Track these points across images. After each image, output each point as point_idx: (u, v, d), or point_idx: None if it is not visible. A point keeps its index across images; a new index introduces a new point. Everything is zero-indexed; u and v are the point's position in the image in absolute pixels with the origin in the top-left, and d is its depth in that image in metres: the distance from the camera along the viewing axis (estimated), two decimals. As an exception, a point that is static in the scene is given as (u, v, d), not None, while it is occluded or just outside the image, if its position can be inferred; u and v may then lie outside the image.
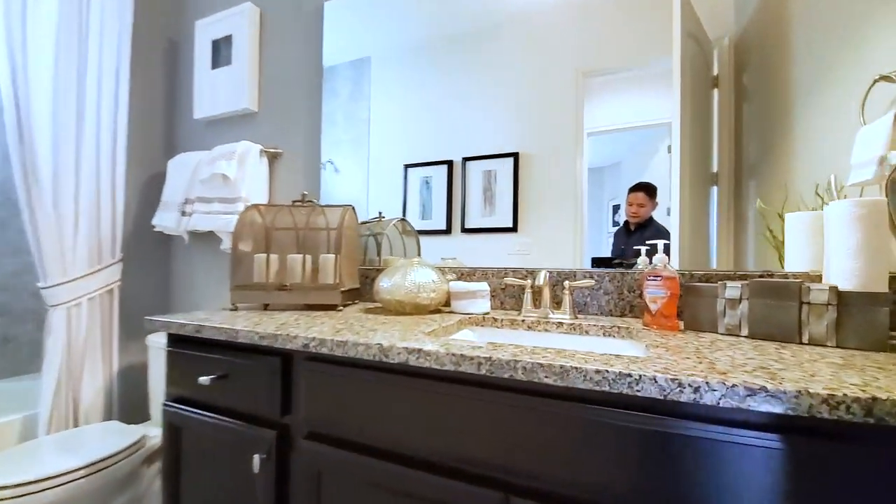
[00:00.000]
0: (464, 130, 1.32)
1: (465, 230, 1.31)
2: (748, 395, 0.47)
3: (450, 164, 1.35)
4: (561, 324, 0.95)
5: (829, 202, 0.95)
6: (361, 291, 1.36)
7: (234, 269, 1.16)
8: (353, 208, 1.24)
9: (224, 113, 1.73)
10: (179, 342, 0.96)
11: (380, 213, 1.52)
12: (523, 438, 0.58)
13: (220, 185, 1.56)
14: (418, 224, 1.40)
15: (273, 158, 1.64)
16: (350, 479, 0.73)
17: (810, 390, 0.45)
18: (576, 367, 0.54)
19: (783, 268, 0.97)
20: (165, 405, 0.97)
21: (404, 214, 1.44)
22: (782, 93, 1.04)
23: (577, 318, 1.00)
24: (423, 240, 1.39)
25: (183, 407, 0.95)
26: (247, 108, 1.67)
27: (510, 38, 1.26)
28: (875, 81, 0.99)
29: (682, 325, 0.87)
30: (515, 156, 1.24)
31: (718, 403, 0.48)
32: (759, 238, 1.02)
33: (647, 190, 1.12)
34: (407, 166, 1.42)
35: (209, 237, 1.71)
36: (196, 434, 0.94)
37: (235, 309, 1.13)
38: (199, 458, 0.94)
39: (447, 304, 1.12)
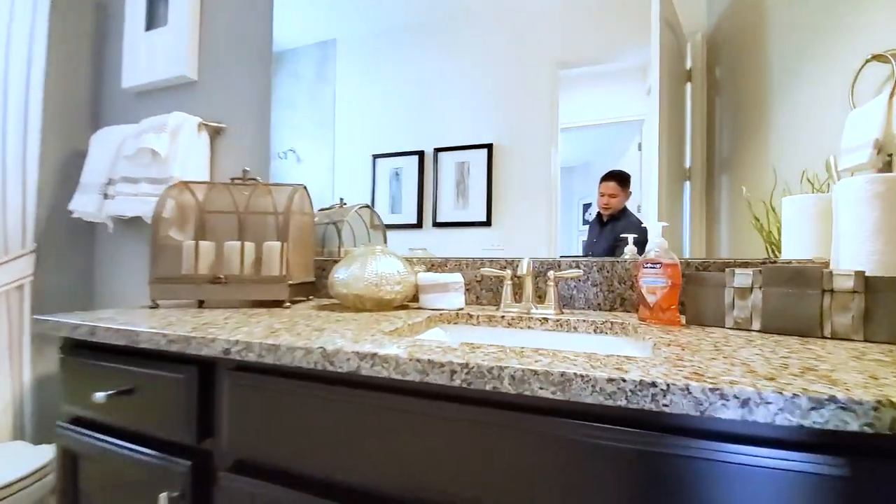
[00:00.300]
0: (436, 119, 1.24)
1: (436, 224, 1.23)
2: (813, 409, 0.35)
3: (421, 154, 1.26)
4: (546, 319, 0.82)
5: (833, 182, 0.88)
6: (318, 286, 1.19)
7: (155, 259, 0.96)
8: (306, 188, 1.07)
9: (158, 81, 1.50)
10: (75, 348, 0.76)
11: (341, 199, 1.36)
12: (510, 469, 0.44)
13: (148, 163, 1.33)
14: (388, 218, 1.30)
15: (215, 134, 1.43)
16: (286, 521, 0.56)
17: (893, 399, 0.33)
18: (581, 375, 0.40)
19: (771, 256, 0.91)
20: (59, 427, 0.76)
21: (373, 207, 1.31)
22: (759, 84, 1.02)
23: (562, 313, 0.87)
24: (393, 234, 1.28)
25: (80, 429, 0.74)
26: (184, 75, 1.45)
27: (485, 25, 1.19)
28: (867, 61, 0.93)
29: (683, 319, 0.76)
30: (489, 147, 1.18)
31: (774, 420, 0.35)
32: (733, 231, 0.99)
33: (620, 179, 1.06)
34: (375, 156, 1.32)
35: (138, 224, 1.47)
36: (96, 464, 0.74)
37: (155, 307, 0.93)
38: (100, 495, 0.74)
39: (415, 298, 0.97)
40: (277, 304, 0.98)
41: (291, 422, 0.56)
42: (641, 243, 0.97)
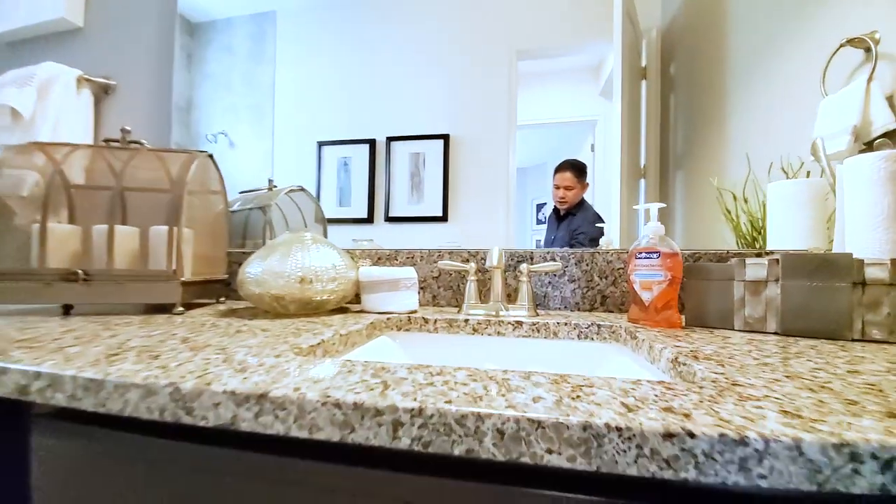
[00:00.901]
0: (389, 106, 1.14)
1: (389, 219, 1.12)
2: None
3: (372, 143, 1.15)
4: (519, 323, 0.66)
5: (823, 165, 0.81)
6: (235, 286, 0.94)
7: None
8: (212, 157, 0.82)
9: (33, 26, 1.16)
10: None
11: (270, 180, 1.15)
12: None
13: (7, 126, 1.01)
14: (336, 211, 1.14)
15: (102, 93, 1.12)
16: None
17: None
18: (617, 428, 0.23)
19: (742, 248, 0.87)
20: None
21: (318, 200, 1.15)
22: (717, 78, 1.01)
23: (537, 314, 0.71)
24: (342, 230, 1.13)
25: None
26: (64, 17, 1.13)
27: (442, 7, 1.10)
28: (841, 46, 0.88)
29: (682, 323, 0.63)
30: (446, 138, 1.09)
31: (945, 500, 0.21)
32: (689, 225, 0.97)
33: (576, 169, 0.99)
34: (321, 144, 1.18)
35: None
36: None
37: (-23, 315, 0.65)
38: None
39: (357, 300, 0.77)
40: (166, 308, 0.73)
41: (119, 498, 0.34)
42: (597, 239, 0.91)
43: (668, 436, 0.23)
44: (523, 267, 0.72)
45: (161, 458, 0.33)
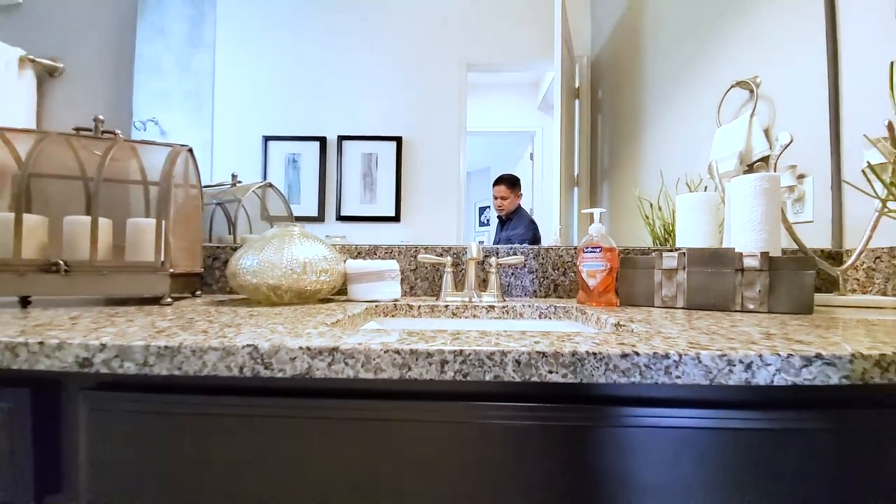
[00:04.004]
0: (340, 104, 1.15)
1: (340, 218, 1.14)
2: (805, 366, 0.36)
3: (323, 140, 1.16)
4: (492, 307, 0.78)
5: (717, 182, 1.03)
6: (208, 279, 0.95)
7: (-62, 237, 0.63)
8: (191, 151, 0.84)
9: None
10: None
11: (233, 175, 1.15)
12: (505, 471, 0.38)
13: (-74, 106, 0.91)
14: (281, 210, 1.15)
15: (46, 75, 1.05)
16: None
17: (863, 352, 0.36)
18: (594, 353, 0.36)
19: (658, 246, 1.06)
20: None
21: (263, 196, 1.14)
22: (635, 104, 1.19)
23: (505, 300, 0.84)
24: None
25: None
26: (-5, -10, 1.04)
27: (399, 14, 1.15)
28: (731, 87, 1.13)
29: (618, 302, 0.79)
30: (399, 140, 1.14)
31: (773, 381, 0.36)
32: (614, 227, 1.14)
33: (508, 182, 1.14)
34: (267, 138, 1.16)
35: None
36: None
37: (-61, 309, 0.62)
38: None
39: (342, 291, 0.84)
40: (152, 301, 0.74)
41: (193, 457, 0.40)
42: (533, 240, 1.07)
43: (624, 356, 0.36)
44: (492, 260, 0.85)
45: (219, 413, 0.39)
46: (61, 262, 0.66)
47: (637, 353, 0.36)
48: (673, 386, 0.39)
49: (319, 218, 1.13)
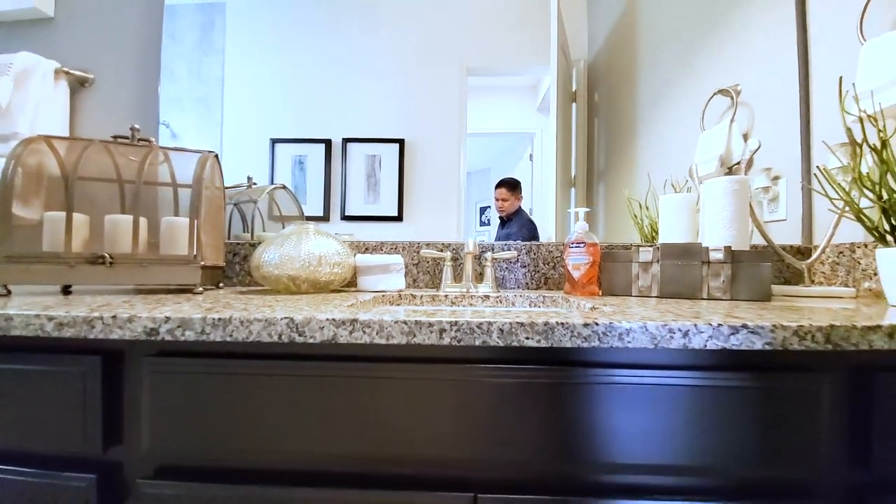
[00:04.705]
0: (345, 107, 1.20)
1: (345, 217, 1.19)
2: (732, 333, 0.45)
3: (328, 143, 1.20)
4: (487, 297, 0.87)
5: (697, 184, 1.11)
6: (228, 273, 1.05)
7: (7, 234, 0.73)
8: (217, 157, 0.93)
9: (-4, 11, 1.14)
10: None
11: (249, 177, 1.22)
12: (494, 422, 0.47)
13: (-25, 114, 1.01)
14: (291, 209, 1.21)
15: (78, 86, 1.14)
16: (233, 523, 0.49)
17: (784, 324, 0.45)
18: (562, 324, 0.45)
19: (645, 243, 1.13)
20: None
21: (275, 197, 1.21)
22: (629, 109, 1.24)
23: (499, 291, 0.93)
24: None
25: None
26: (35, 7, 1.13)
27: (400, 21, 1.19)
28: (714, 94, 1.21)
29: (600, 292, 0.88)
30: (401, 142, 1.18)
31: (706, 345, 0.44)
32: (608, 226, 1.21)
33: (509, 185, 1.19)
34: (274, 141, 1.21)
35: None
36: None
37: (7, 293, 0.71)
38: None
39: (351, 283, 0.93)
40: (185, 289, 0.83)
41: (239, 410, 0.49)
42: (530, 239, 1.12)
43: (586, 325, 0.45)
44: (487, 255, 0.93)
45: (262, 372, 0.49)
46: (107, 255, 0.76)
47: (597, 324, 0.45)
48: (626, 350, 0.48)
49: (325, 217, 1.18)
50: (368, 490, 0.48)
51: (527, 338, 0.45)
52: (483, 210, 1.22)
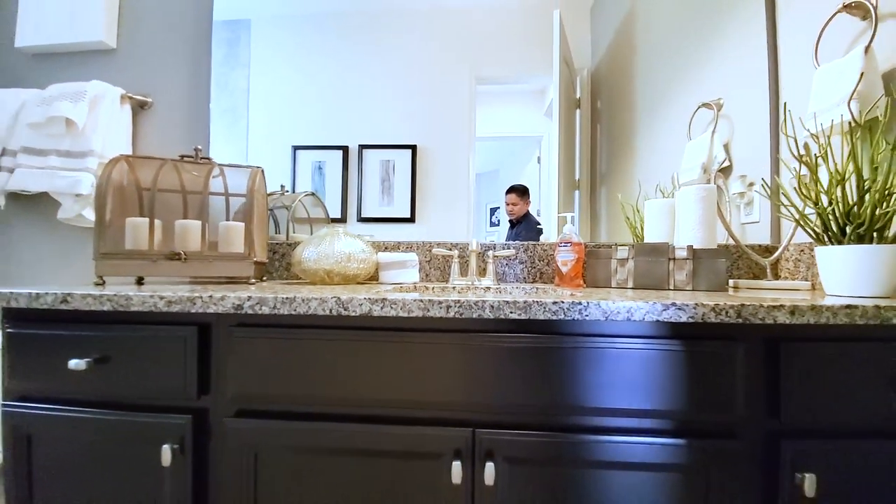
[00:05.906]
0: (360, 116, 1.28)
1: (361, 219, 1.28)
2: (664, 310, 0.60)
3: (345, 149, 1.29)
4: (488, 288, 1.03)
5: (677, 191, 1.26)
6: (269, 268, 1.23)
7: (102, 235, 0.92)
8: (262, 172, 1.11)
9: (64, 44, 1.34)
10: (25, 321, 0.72)
11: (282, 185, 1.39)
12: (488, 376, 0.63)
13: (60, 134, 1.21)
14: (311, 211, 1.32)
15: (139, 108, 1.34)
16: (299, 453, 0.66)
17: (704, 302, 0.60)
18: (537, 302, 0.61)
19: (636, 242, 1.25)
20: (5, 407, 0.72)
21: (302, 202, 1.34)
22: (628, 117, 1.33)
23: (499, 284, 1.09)
24: (318, 228, 1.30)
25: (34, 405, 0.71)
26: (101, 40, 1.33)
27: (411, 34, 1.27)
28: (699, 107, 1.34)
29: (584, 284, 1.03)
30: (414, 148, 1.26)
31: (644, 318, 0.60)
32: (609, 226, 1.30)
33: (518, 191, 1.29)
34: (296, 148, 1.31)
35: (38, 201, 1.30)
36: (58, 440, 0.72)
37: (102, 283, 0.90)
38: (61, 473, 0.72)
39: (374, 277, 1.10)
40: (241, 280, 1.01)
41: (299, 367, 0.66)
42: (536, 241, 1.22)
43: (554, 303, 0.61)
44: (490, 253, 1.10)
45: (315, 338, 0.66)
46: (182, 253, 0.94)
47: (563, 301, 0.61)
48: (584, 321, 0.63)
49: (342, 219, 1.28)
50: (392, 426, 0.64)
51: (511, 312, 0.61)
52: (493, 211, 1.28)
